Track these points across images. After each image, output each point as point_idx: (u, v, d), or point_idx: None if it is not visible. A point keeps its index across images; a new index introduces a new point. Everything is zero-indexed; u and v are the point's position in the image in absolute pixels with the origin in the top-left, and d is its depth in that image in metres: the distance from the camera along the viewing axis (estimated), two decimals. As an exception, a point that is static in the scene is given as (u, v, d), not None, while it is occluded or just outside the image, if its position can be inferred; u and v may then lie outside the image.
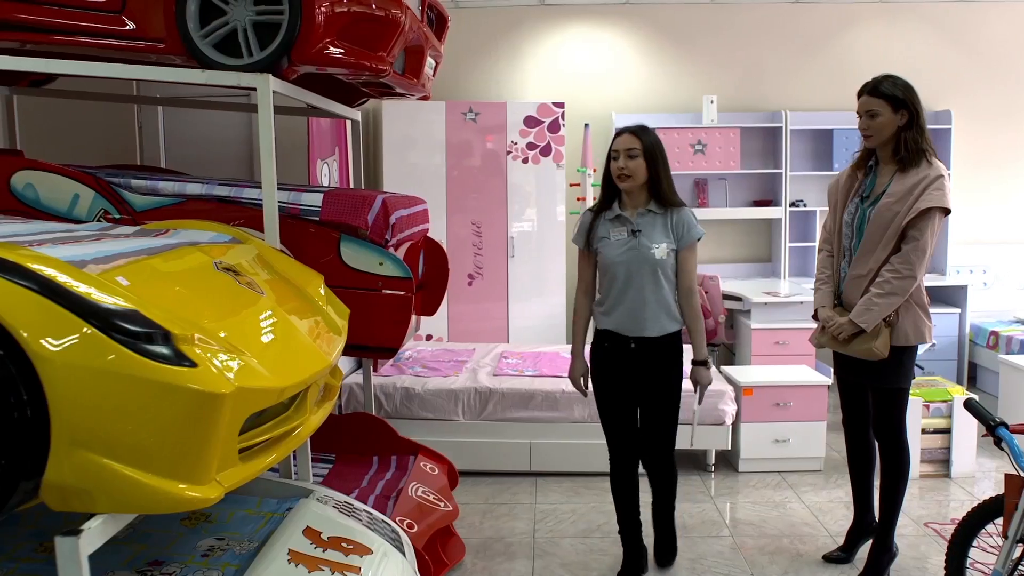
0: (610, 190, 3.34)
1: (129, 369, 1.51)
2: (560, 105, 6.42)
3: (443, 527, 3.57)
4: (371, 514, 2.61)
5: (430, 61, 3.47)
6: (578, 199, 6.61)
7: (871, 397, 3.46)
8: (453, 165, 6.36)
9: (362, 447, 3.97)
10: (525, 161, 6.41)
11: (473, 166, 6.39)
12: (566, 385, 4.75)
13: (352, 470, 3.80)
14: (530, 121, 6.37)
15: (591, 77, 6.99)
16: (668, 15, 6.94)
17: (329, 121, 5.10)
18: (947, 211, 3.23)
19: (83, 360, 1.49)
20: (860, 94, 3.32)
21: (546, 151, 6.41)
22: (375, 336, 3.06)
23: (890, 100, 3.23)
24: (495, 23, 6.93)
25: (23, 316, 1.47)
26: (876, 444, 3.48)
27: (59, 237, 2.03)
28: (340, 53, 2.82)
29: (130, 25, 2.81)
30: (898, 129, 3.24)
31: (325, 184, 5.10)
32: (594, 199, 6.91)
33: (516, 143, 6.38)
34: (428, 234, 3.90)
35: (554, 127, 6.39)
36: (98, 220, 3.00)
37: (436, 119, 6.29)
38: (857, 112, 3.34)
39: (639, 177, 3.24)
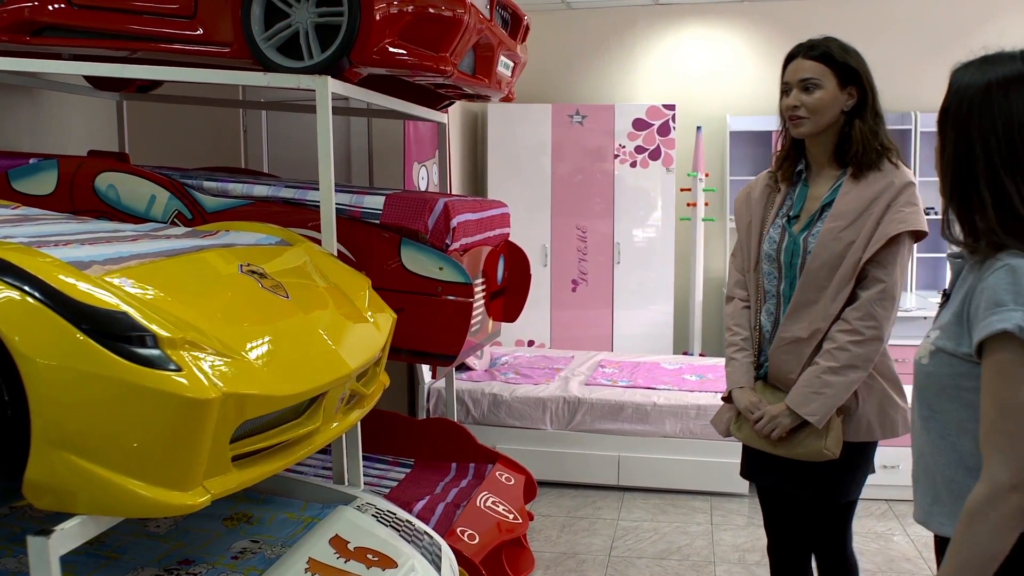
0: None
1: (111, 372, 1.50)
2: (671, 107, 6.22)
3: (513, 539, 3.49)
4: (412, 524, 2.55)
5: (506, 61, 3.39)
6: (688, 204, 6.38)
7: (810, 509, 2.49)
8: (558, 168, 6.26)
9: (441, 453, 3.93)
10: (633, 165, 6.24)
11: (579, 169, 6.27)
12: (657, 398, 4.58)
13: (428, 476, 3.77)
14: (639, 124, 6.20)
15: (704, 78, 6.74)
16: (788, 12, 6.61)
17: (428, 125, 5.11)
18: (920, 235, 2.32)
19: (65, 361, 1.48)
20: (790, 58, 2.33)
21: (655, 155, 6.22)
22: (433, 342, 3.00)
23: (836, 68, 2.26)
24: (607, 24, 6.78)
25: (7, 315, 1.48)
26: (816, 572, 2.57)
27: (94, 237, 2.06)
28: (401, 53, 2.78)
29: (200, 31, 2.86)
30: (843, 115, 2.29)
31: (422, 187, 5.11)
32: (706, 204, 6.70)
33: (624, 146, 6.22)
34: (523, 238, 3.83)
35: (664, 130, 6.20)
36: (172, 221, 3.07)
37: (542, 122, 6.21)
38: (783, 86, 2.32)
39: None
